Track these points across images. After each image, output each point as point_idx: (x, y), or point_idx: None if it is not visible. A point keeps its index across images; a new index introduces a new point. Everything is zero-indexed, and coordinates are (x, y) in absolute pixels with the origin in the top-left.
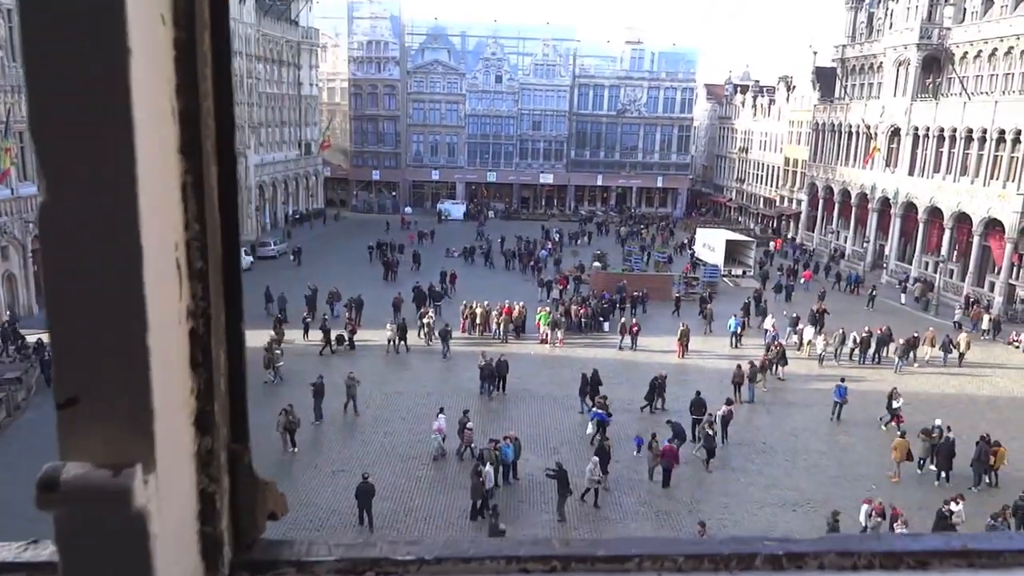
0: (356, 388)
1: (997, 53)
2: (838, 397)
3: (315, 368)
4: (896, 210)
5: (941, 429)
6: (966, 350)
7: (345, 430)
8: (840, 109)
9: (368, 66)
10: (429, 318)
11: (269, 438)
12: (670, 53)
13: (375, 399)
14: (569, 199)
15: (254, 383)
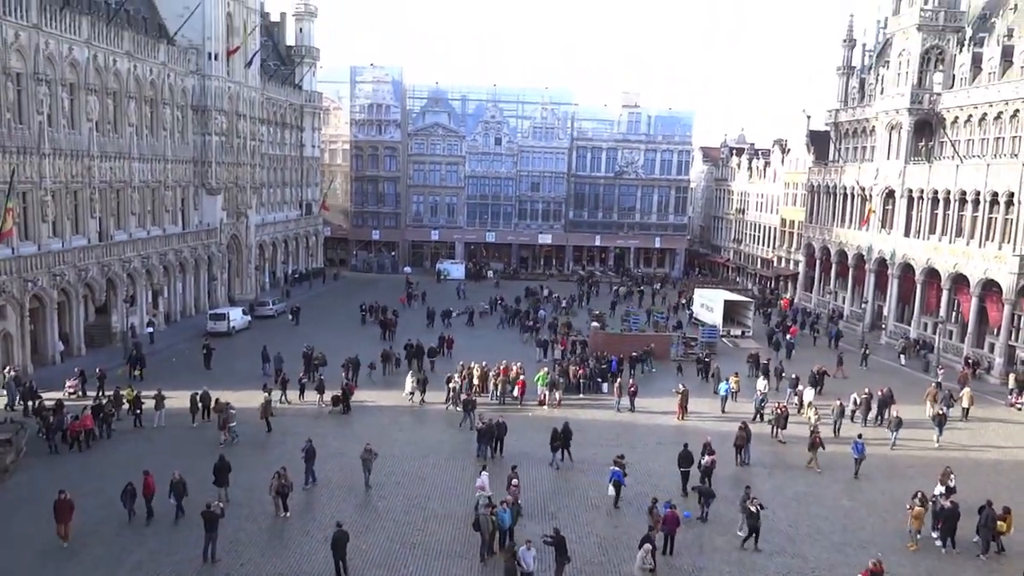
0: (373, 461)
1: (987, 118)
2: (856, 453)
3: (310, 429)
4: (893, 271)
5: (937, 498)
6: (970, 405)
7: (339, 494)
8: (835, 171)
9: (369, 128)
10: (455, 383)
11: (261, 501)
12: (666, 116)
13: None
14: (567, 259)
15: (205, 446)
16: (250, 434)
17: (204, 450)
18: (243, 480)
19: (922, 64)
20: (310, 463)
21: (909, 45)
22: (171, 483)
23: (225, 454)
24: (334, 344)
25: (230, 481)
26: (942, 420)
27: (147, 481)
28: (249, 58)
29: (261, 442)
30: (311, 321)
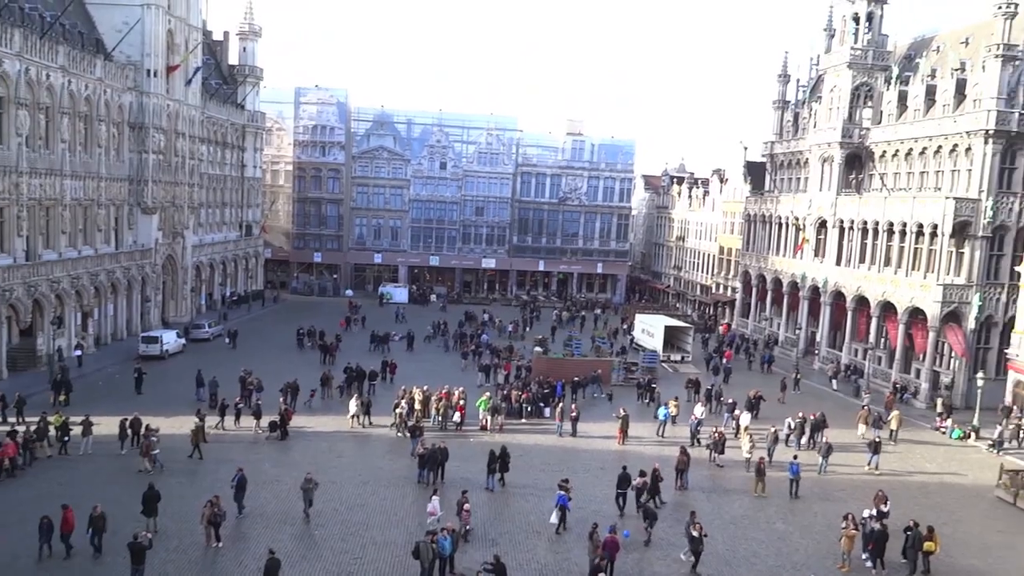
0: (314, 491)
1: (913, 152)
2: (792, 474)
3: (246, 456)
4: (826, 298)
5: (867, 520)
6: (898, 427)
7: (275, 523)
8: (770, 201)
9: (313, 150)
10: (401, 408)
11: (192, 531)
12: (609, 145)
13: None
14: (511, 284)
15: (133, 474)
16: (181, 461)
17: (133, 478)
18: (173, 509)
19: (852, 100)
20: (240, 494)
21: (840, 82)
22: (91, 517)
23: (154, 482)
24: (272, 368)
25: (159, 511)
26: (878, 447)
27: (66, 516)
28: (190, 76)
29: (192, 469)
30: (249, 345)
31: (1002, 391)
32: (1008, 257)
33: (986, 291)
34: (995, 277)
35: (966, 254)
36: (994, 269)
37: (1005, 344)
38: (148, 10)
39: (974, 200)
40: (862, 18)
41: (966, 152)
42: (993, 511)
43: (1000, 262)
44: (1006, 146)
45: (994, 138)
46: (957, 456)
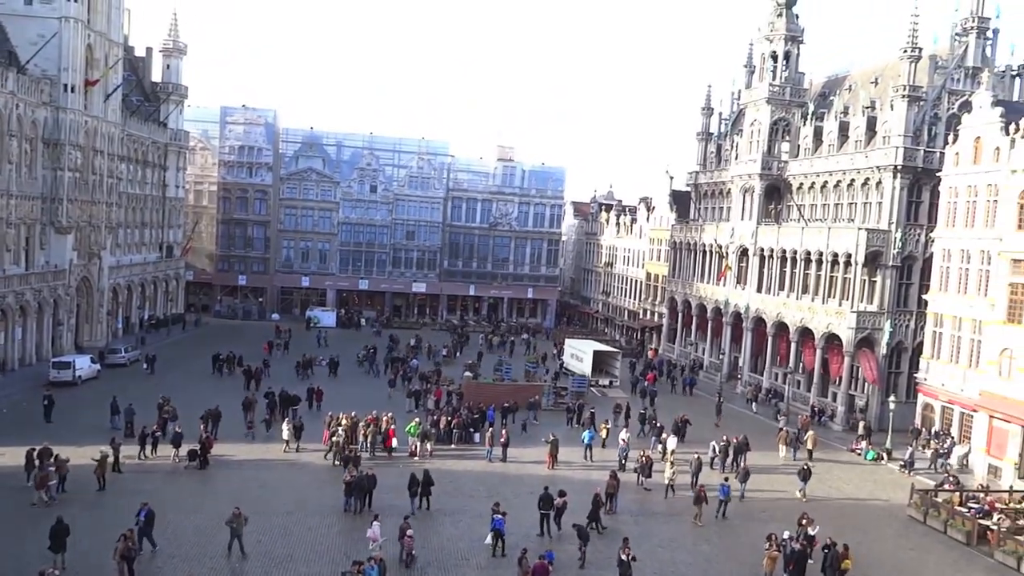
0: (243, 527)
1: (828, 185)
2: (722, 495)
3: (163, 487)
4: (747, 324)
5: (787, 541)
6: (813, 447)
7: (193, 555)
8: (695, 229)
9: (239, 170)
10: (338, 436)
11: (103, 567)
12: (539, 171)
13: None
14: (441, 308)
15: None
16: (92, 493)
17: (41, 512)
18: (83, 544)
19: (771, 134)
20: (148, 528)
21: (760, 116)
22: None
23: (63, 516)
24: (193, 395)
25: (68, 546)
26: (807, 473)
27: None
28: (109, 92)
29: (103, 502)
30: (168, 370)
31: (912, 414)
32: (916, 286)
33: (896, 318)
34: (904, 305)
35: (878, 283)
36: (903, 297)
37: (914, 368)
38: (66, 23)
39: (884, 231)
40: (780, 56)
41: (877, 186)
42: (905, 529)
43: (909, 290)
44: (913, 181)
45: (902, 173)
46: (871, 477)
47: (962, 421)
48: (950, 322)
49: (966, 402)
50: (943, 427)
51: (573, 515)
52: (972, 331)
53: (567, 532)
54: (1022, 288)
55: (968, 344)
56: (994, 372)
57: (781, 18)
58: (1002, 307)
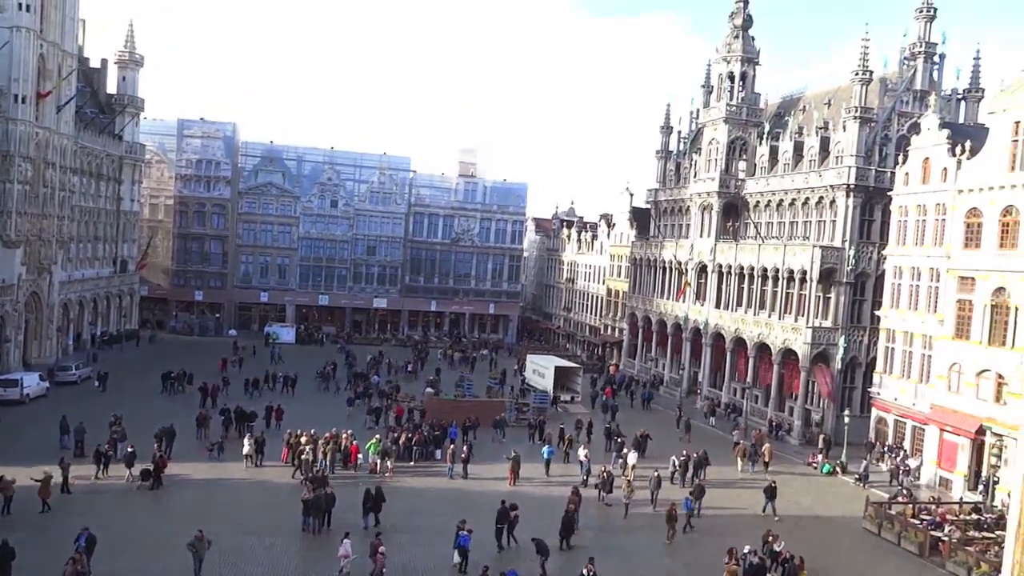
0: (205, 550)
1: (783, 203)
2: (686, 509)
3: (112, 509)
4: (706, 340)
5: (747, 555)
6: (769, 459)
7: None
8: (655, 246)
9: (197, 184)
10: (307, 455)
11: None
12: (501, 187)
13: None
14: (403, 324)
15: None
16: (38, 515)
17: None
18: (29, 568)
19: (729, 152)
20: (88, 555)
21: (717, 135)
22: None
23: (8, 539)
24: (147, 412)
25: (11, 569)
26: (773, 492)
27: None
28: (62, 103)
29: (49, 525)
30: (121, 388)
31: (867, 427)
32: (869, 302)
33: (850, 334)
34: (858, 320)
35: (832, 299)
36: (857, 313)
37: (868, 383)
38: (17, 33)
39: (838, 249)
40: (737, 77)
41: (830, 204)
42: (860, 542)
43: (862, 306)
44: (865, 200)
45: (854, 192)
46: (827, 490)
47: (914, 434)
48: (902, 337)
49: (918, 416)
50: (896, 440)
51: (536, 531)
52: (923, 346)
53: (526, 546)
54: (970, 304)
55: (919, 359)
56: (944, 386)
57: (738, 40)
58: (951, 323)
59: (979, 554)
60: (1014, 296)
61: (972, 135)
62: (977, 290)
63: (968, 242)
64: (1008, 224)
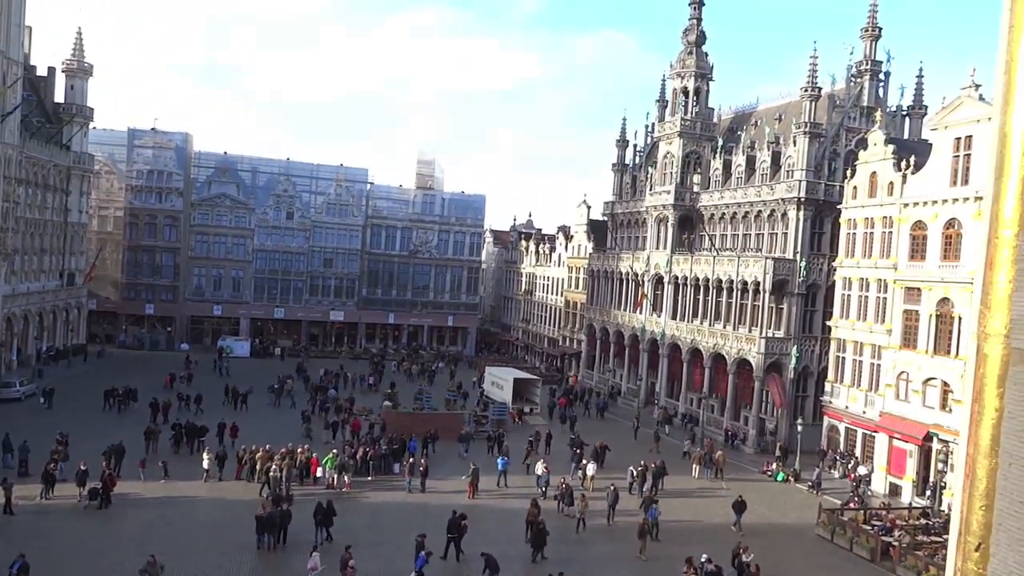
0: (159, 575)
1: (737, 215)
2: (651, 517)
3: (58, 530)
4: (663, 351)
5: (704, 564)
6: (723, 464)
7: None
8: (612, 258)
9: (148, 195)
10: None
11: None
12: (459, 199)
13: (134, 562)
14: (360, 337)
15: None
16: None
17: None
18: None
19: (684, 166)
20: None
21: (673, 149)
22: None
23: None
24: (95, 429)
25: None
26: (742, 506)
27: None
28: (7, 112)
29: None
30: (67, 404)
31: (819, 435)
32: (820, 312)
33: (802, 344)
34: (810, 331)
35: (785, 310)
36: (809, 323)
37: (820, 392)
38: None
39: (790, 260)
40: (691, 92)
41: (782, 217)
42: (814, 548)
43: (814, 317)
44: (815, 213)
45: (805, 205)
46: (782, 498)
47: (865, 442)
48: (851, 347)
49: (868, 423)
50: (847, 448)
51: (495, 543)
52: (872, 356)
53: (474, 559)
54: (916, 315)
55: (868, 368)
56: (892, 395)
57: (692, 56)
58: (898, 333)
59: (927, 558)
60: (958, 306)
61: (916, 150)
62: (923, 301)
63: (914, 254)
64: (951, 236)
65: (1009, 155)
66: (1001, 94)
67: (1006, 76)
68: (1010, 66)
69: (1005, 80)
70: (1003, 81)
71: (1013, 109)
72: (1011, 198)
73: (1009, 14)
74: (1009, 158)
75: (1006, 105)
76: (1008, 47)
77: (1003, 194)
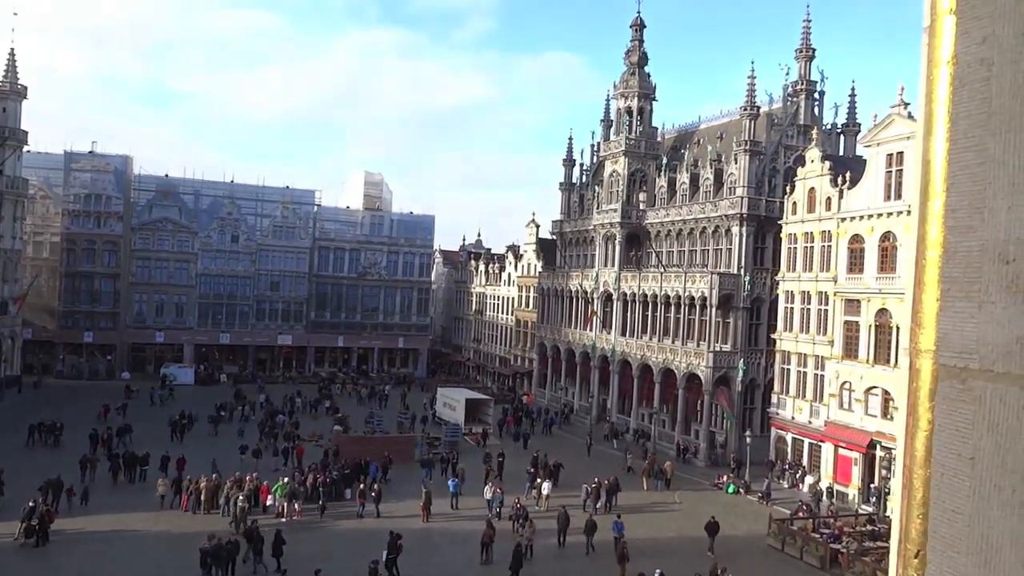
0: None
1: (683, 232)
2: (616, 532)
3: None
4: (614, 367)
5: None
6: (671, 475)
7: None
8: (561, 276)
9: (86, 220)
10: (243, 502)
11: None
12: (408, 220)
13: None
14: (309, 361)
15: None
16: None
17: None
18: None
19: (630, 184)
20: None
21: (618, 167)
22: None
23: None
24: (29, 464)
25: None
26: (715, 528)
27: None
28: None
29: None
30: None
31: (767, 447)
32: (764, 325)
33: (749, 357)
34: (755, 344)
35: (731, 324)
36: (754, 336)
37: (767, 403)
38: None
39: (735, 275)
40: (635, 112)
41: (726, 233)
42: (766, 558)
43: (759, 330)
44: (757, 228)
45: (747, 221)
46: (733, 509)
47: (811, 451)
48: (796, 359)
49: (814, 433)
50: (795, 458)
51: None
52: (815, 367)
53: None
54: (856, 326)
55: (812, 379)
56: (836, 404)
57: (635, 76)
58: (839, 344)
59: (875, 563)
60: (895, 316)
61: (852, 166)
62: (862, 312)
63: (852, 267)
64: (887, 249)
65: (932, 180)
66: (923, 123)
67: (927, 107)
68: (930, 97)
69: (926, 110)
70: (924, 111)
71: (935, 137)
72: (935, 221)
73: (928, 48)
74: (933, 183)
75: (928, 134)
76: (928, 79)
77: (928, 217)
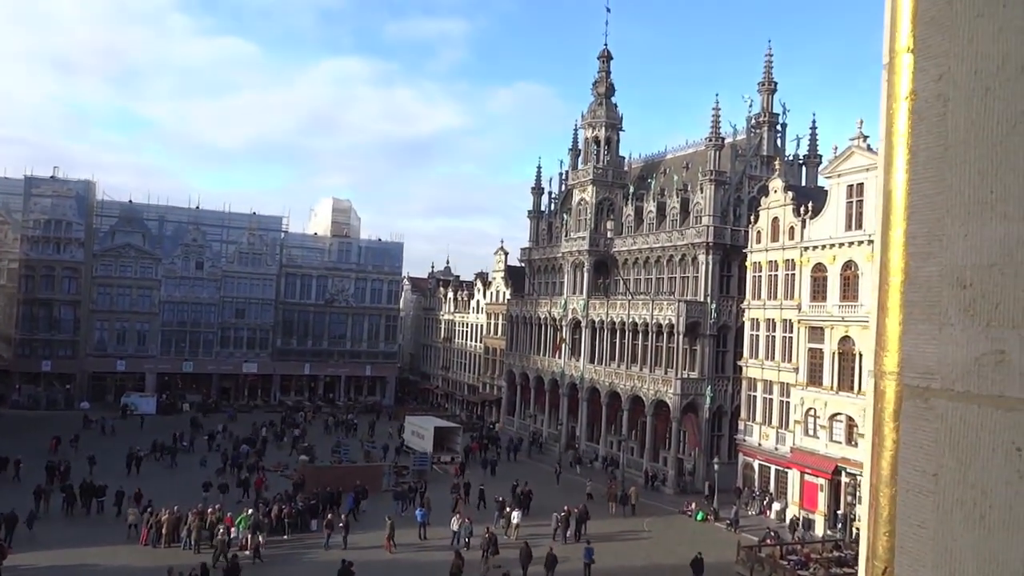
0: None
1: (650, 260)
2: (587, 558)
3: None
4: (583, 394)
5: None
6: (636, 501)
7: None
8: (530, 304)
9: (45, 246)
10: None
11: None
12: (376, 247)
13: None
14: (275, 389)
15: None
16: None
17: None
18: None
19: (597, 212)
20: None
21: (586, 196)
22: None
23: None
24: None
25: None
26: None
27: None
28: None
29: None
30: None
31: (735, 473)
32: (731, 353)
33: (716, 384)
34: (722, 371)
35: (698, 351)
36: (721, 364)
37: (734, 431)
38: None
39: (701, 303)
40: (602, 141)
41: (692, 261)
42: None
43: (725, 357)
44: (723, 256)
45: (713, 250)
46: (702, 537)
47: (778, 478)
48: (761, 386)
49: (780, 460)
50: (762, 484)
51: None
52: (781, 393)
53: None
54: (820, 353)
55: (778, 406)
56: (801, 431)
57: (602, 107)
58: (804, 371)
59: None
60: (858, 343)
61: (814, 196)
62: (825, 339)
63: (815, 295)
64: (849, 277)
65: (894, 209)
66: (884, 155)
67: (887, 139)
68: (890, 130)
69: (887, 143)
70: (885, 144)
71: (895, 168)
72: (897, 248)
73: (887, 84)
74: (894, 212)
75: (888, 166)
76: (888, 114)
77: (890, 244)
